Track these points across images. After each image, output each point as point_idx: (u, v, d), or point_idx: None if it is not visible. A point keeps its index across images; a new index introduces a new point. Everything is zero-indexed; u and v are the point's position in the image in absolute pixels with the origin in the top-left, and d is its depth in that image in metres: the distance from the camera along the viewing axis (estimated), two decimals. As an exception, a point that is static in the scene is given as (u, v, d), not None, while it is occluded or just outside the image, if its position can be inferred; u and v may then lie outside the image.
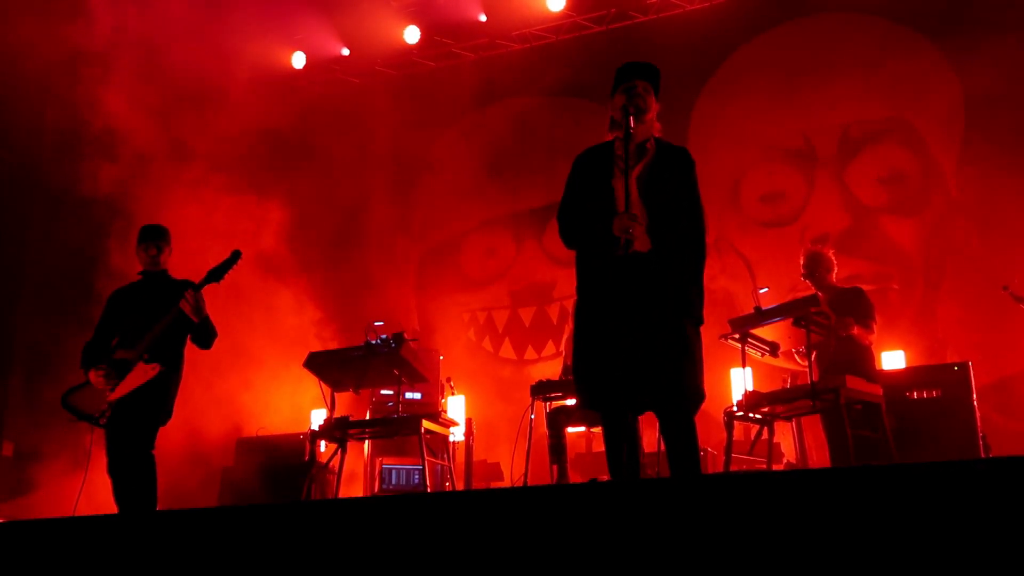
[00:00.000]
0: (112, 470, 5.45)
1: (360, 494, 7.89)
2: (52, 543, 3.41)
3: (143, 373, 5.43)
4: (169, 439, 6.30)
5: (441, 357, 8.80)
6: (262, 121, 9.44)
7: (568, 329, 6.79)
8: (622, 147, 4.12)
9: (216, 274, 5.61)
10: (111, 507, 5.52)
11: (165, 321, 5.50)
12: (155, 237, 5.80)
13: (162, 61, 9.09)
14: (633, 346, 3.83)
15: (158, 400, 5.51)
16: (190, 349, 5.89)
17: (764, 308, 5.85)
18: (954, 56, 8.81)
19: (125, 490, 5.40)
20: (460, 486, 7.40)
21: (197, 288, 5.52)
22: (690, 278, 4.04)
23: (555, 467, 6.34)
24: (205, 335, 5.68)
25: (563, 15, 10.32)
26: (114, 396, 5.44)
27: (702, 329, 4.07)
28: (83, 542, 3.35)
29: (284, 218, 9.42)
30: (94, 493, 6.29)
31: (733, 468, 6.00)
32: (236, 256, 5.66)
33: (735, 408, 5.83)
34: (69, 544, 3.37)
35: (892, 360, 7.39)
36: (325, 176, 10.47)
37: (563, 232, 4.26)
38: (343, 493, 7.03)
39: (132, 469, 5.39)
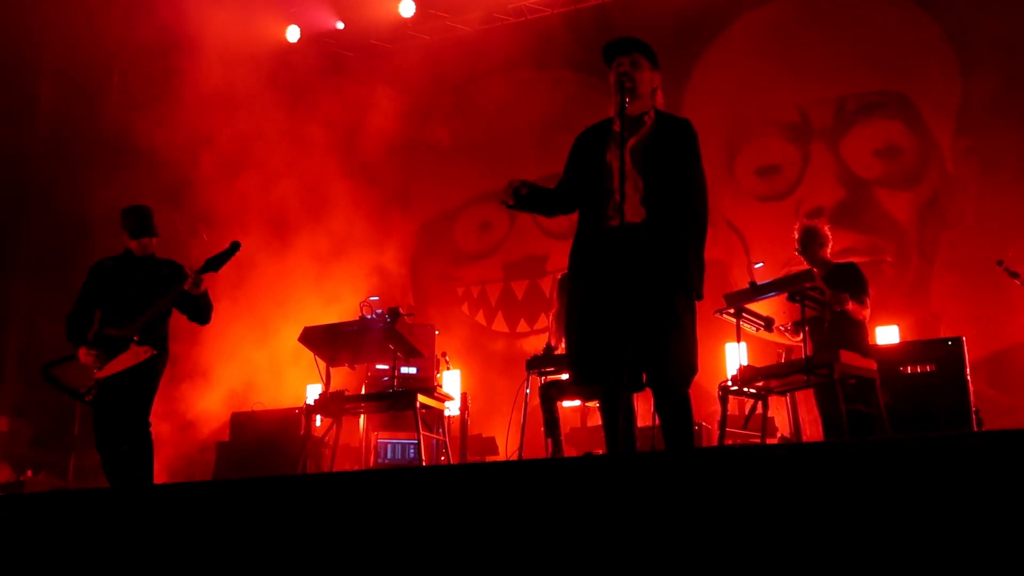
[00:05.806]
0: (102, 447, 5.42)
1: (355, 468, 7.91)
2: (48, 517, 3.41)
3: (135, 355, 5.38)
4: (165, 415, 6.31)
5: (436, 332, 8.80)
6: (260, 93, 9.41)
7: (556, 306, 6.77)
8: (619, 123, 4.13)
9: (215, 263, 5.53)
10: (102, 481, 5.53)
11: (163, 303, 5.46)
12: (146, 231, 5.69)
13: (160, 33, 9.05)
14: (624, 319, 3.79)
15: (149, 382, 5.49)
16: (191, 327, 5.86)
17: (759, 283, 5.85)
18: (951, 29, 8.77)
19: (118, 465, 5.39)
20: (455, 460, 7.42)
21: (196, 273, 5.44)
22: (689, 250, 3.98)
23: (549, 441, 6.36)
24: (203, 311, 5.68)
25: (558, -13, 10.25)
26: (102, 375, 5.40)
27: (697, 303, 4.04)
28: (79, 516, 3.35)
29: (279, 190, 9.39)
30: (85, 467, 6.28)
31: (727, 442, 6.02)
32: (235, 247, 5.58)
33: (730, 382, 5.84)
34: (65, 518, 3.37)
35: (886, 335, 7.41)
36: (318, 150, 10.42)
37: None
38: (338, 467, 7.05)
39: (128, 444, 5.38)
